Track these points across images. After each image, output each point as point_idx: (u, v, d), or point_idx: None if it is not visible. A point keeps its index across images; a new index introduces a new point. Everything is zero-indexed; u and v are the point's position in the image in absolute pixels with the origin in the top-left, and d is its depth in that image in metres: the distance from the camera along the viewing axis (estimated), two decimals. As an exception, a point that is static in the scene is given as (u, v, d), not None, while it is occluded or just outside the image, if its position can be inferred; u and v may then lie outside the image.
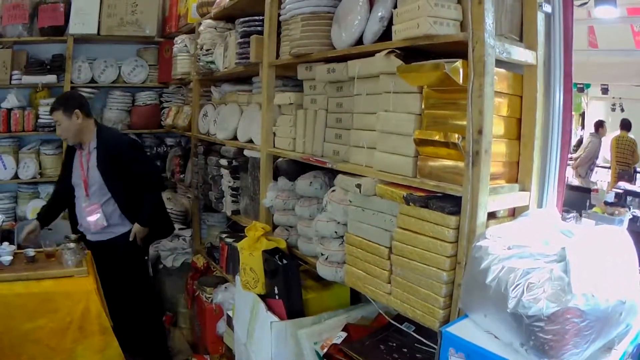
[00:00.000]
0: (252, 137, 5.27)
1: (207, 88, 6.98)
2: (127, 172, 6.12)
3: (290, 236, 4.63)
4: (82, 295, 5.12)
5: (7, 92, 8.03)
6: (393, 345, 3.48)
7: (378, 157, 3.42)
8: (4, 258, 5.29)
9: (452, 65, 2.78)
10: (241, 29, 5.19)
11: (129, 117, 8.88)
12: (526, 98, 3.21)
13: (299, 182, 4.36)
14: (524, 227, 2.76)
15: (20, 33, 7.88)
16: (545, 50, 3.22)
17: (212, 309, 6.08)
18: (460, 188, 2.87)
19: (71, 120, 5.92)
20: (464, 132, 2.84)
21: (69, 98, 6.30)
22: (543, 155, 3.26)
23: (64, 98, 6.24)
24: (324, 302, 4.29)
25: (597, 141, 15.09)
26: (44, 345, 5.02)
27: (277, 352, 3.97)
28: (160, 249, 7.66)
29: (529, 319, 2.18)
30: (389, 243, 3.28)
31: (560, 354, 2.15)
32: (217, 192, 6.14)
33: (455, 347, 2.47)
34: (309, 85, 4.31)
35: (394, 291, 3.28)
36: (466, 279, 2.68)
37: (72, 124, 5.95)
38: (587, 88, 18.23)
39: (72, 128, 5.97)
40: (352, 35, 3.62)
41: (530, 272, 2.30)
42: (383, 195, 3.28)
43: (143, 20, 8.32)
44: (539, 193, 3.28)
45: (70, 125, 5.95)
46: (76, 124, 5.96)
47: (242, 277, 4.52)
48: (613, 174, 14.57)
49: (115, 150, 6.13)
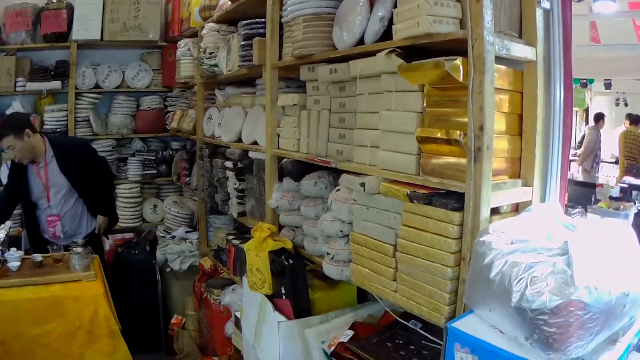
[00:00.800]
0: (257, 138, 5.28)
1: (211, 91, 7.00)
2: (93, 171, 6.53)
3: (296, 236, 4.64)
4: (91, 299, 5.15)
5: (11, 99, 8.04)
6: (400, 343, 3.49)
7: (381, 155, 3.43)
8: (12, 264, 5.34)
9: (452, 62, 2.80)
10: (243, 31, 5.21)
11: (134, 122, 8.88)
12: (527, 94, 3.22)
13: (303, 183, 4.36)
14: (527, 222, 2.77)
15: (24, 40, 7.92)
16: (544, 46, 3.24)
17: (220, 310, 6.11)
18: (463, 184, 2.88)
19: (23, 141, 6.07)
20: (466, 128, 2.85)
21: (15, 120, 6.52)
22: (545, 150, 3.28)
23: (8, 123, 6.45)
24: (331, 301, 4.30)
25: (596, 133, 15.15)
26: (54, 349, 5.05)
27: (284, 351, 3.98)
28: (167, 252, 7.71)
29: (533, 312, 2.19)
30: (394, 241, 3.29)
31: (564, 347, 2.16)
32: (223, 195, 6.15)
33: (461, 342, 2.48)
34: (312, 86, 4.32)
35: (399, 288, 3.29)
36: (470, 275, 2.70)
37: (25, 145, 6.11)
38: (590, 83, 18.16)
39: (26, 148, 6.14)
40: (353, 36, 3.65)
41: (534, 266, 2.30)
42: (387, 193, 3.30)
43: (146, 25, 8.35)
44: (542, 188, 3.29)
45: (24, 146, 6.11)
46: (29, 142, 6.11)
47: (249, 278, 4.53)
48: (621, 169, 14.55)
49: (79, 153, 6.53)
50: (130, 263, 7.67)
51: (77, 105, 8.34)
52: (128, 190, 8.78)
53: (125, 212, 8.73)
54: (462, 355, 2.47)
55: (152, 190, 9.24)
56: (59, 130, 8.11)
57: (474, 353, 2.42)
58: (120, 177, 8.82)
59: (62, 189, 6.41)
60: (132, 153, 9.00)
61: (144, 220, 8.98)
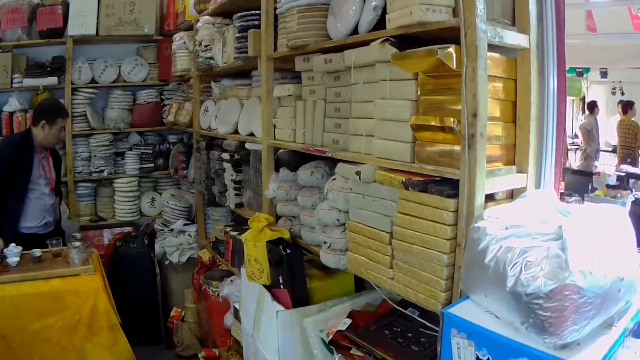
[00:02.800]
0: (253, 130, 5.29)
1: (207, 84, 7.01)
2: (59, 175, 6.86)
3: (294, 226, 4.66)
4: (90, 293, 5.18)
5: (8, 96, 8.07)
6: (398, 330, 3.50)
7: (376, 144, 3.45)
8: (11, 259, 5.35)
9: (445, 50, 2.81)
10: (238, 23, 5.22)
11: (131, 116, 8.89)
12: (520, 81, 3.24)
13: (300, 173, 4.38)
14: (522, 208, 2.79)
15: (20, 37, 7.92)
16: (538, 34, 3.24)
17: (219, 302, 6.12)
18: (457, 171, 2.90)
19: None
20: (460, 116, 2.87)
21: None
22: (539, 137, 3.29)
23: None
24: (329, 290, 4.32)
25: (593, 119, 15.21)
26: (54, 343, 5.08)
27: (283, 340, 4.00)
28: (166, 245, 7.73)
29: (528, 296, 2.20)
30: (390, 228, 3.30)
31: (560, 331, 2.17)
32: (220, 186, 6.17)
33: (457, 327, 2.50)
34: (307, 77, 4.33)
35: (396, 276, 3.31)
36: (466, 260, 2.71)
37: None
38: (586, 72, 18.15)
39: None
40: (347, 26, 3.65)
41: (528, 251, 2.31)
42: (382, 181, 3.32)
43: (141, 19, 8.35)
44: (537, 174, 3.30)
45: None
46: None
47: (247, 269, 4.55)
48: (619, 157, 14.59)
49: (59, 157, 7.00)
50: (129, 257, 7.68)
51: (74, 101, 8.38)
52: (126, 184, 8.80)
53: (123, 206, 8.80)
54: (458, 340, 2.49)
55: (150, 183, 9.25)
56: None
57: (470, 338, 2.44)
58: (118, 171, 8.88)
59: (51, 182, 6.61)
60: (129, 147, 9.02)
61: (142, 214, 9.01)
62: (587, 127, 15.18)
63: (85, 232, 8.07)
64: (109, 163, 8.73)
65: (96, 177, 8.70)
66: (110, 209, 8.93)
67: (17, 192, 6.35)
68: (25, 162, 6.36)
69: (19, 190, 6.35)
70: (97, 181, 8.84)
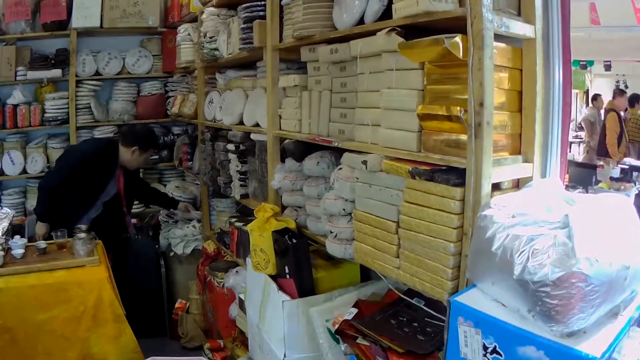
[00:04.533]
0: (258, 120, 5.30)
1: (212, 75, 6.99)
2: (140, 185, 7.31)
3: (299, 216, 4.67)
4: (95, 284, 5.17)
5: (12, 89, 8.07)
6: (404, 320, 3.51)
7: (383, 133, 3.45)
8: (16, 251, 5.35)
9: (451, 40, 2.81)
10: (243, 14, 5.21)
11: (135, 108, 8.90)
12: (526, 71, 3.24)
13: (306, 163, 4.39)
14: (528, 197, 2.80)
15: (23, 29, 7.93)
16: (543, 24, 3.25)
17: (224, 293, 6.14)
18: (464, 160, 2.90)
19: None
20: (466, 105, 2.87)
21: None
22: (545, 126, 3.30)
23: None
24: (335, 280, 4.33)
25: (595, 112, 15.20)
26: (59, 335, 5.07)
27: (289, 330, 4.02)
28: (170, 237, 7.72)
29: (535, 284, 2.21)
30: (397, 217, 3.31)
31: (566, 319, 2.18)
32: (225, 177, 6.18)
33: (464, 315, 2.51)
34: (313, 67, 4.34)
35: (402, 265, 3.31)
36: (472, 249, 2.72)
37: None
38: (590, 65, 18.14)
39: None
40: (353, 16, 3.65)
41: (535, 239, 2.33)
42: (389, 170, 3.32)
43: (145, 11, 8.36)
44: (542, 164, 3.31)
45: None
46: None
47: (252, 259, 4.56)
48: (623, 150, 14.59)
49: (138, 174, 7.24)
50: (134, 248, 7.67)
51: (78, 93, 8.39)
52: (130, 176, 8.75)
53: (128, 197, 8.75)
54: (465, 329, 2.50)
55: (154, 175, 9.26)
56: (60, 118, 8.14)
57: (477, 326, 2.45)
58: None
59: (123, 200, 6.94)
60: (134, 139, 8.94)
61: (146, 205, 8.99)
62: (590, 119, 15.16)
63: (89, 223, 8.07)
64: (113, 155, 8.65)
65: (101, 169, 8.62)
66: (115, 200, 8.87)
67: (86, 200, 6.50)
68: (106, 175, 6.56)
69: (89, 199, 6.52)
70: (102, 173, 8.76)
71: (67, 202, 6.30)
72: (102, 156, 6.46)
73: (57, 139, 8.37)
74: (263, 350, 4.51)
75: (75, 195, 6.33)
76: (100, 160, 6.40)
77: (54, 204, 6.26)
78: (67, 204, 6.31)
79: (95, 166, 6.39)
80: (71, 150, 6.80)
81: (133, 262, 7.49)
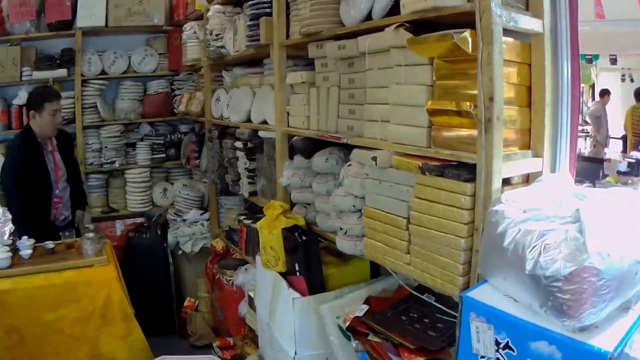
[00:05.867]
0: (266, 117, 5.31)
1: (218, 73, 7.01)
2: (74, 160, 6.90)
3: (309, 213, 4.67)
4: (104, 284, 5.18)
5: (17, 89, 8.10)
6: (414, 316, 3.52)
7: (392, 129, 3.45)
8: (24, 252, 5.35)
9: (460, 35, 2.82)
10: (250, 11, 5.21)
11: (141, 107, 8.92)
12: (535, 65, 3.24)
13: (314, 159, 4.39)
14: (538, 191, 2.79)
15: (28, 30, 7.91)
16: (551, 18, 3.24)
17: (233, 291, 6.15)
18: (474, 155, 2.91)
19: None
20: (475, 100, 2.88)
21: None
22: (554, 121, 3.29)
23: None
24: (345, 277, 4.34)
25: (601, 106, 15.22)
26: (67, 335, 5.09)
27: (300, 328, 4.02)
28: (178, 235, 7.71)
29: (547, 279, 2.20)
30: (407, 213, 3.31)
31: (578, 314, 2.17)
32: (233, 175, 6.19)
33: (476, 311, 2.50)
34: (321, 63, 4.34)
35: (413, 261, 3.32)
36: (484, 244, 2.71)
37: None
38: (595, 59, 18.10)
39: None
40: (361, 12, 3.65)
41: (546, 234, 2.32)
42: (399, 166, 3.32)
43: (150, 9, 8.33)
44: (552, 159, 3.30)
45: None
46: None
47: (262, 257, 4.57)
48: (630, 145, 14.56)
49: (69, 140, 6.87)
50: (142, 247, 7.70)
51: (84, 92, 8.40)
52: (137, 175, 8.84)
53: (135, 196, 8.83)
54: (477, 324, 2.49)
55: (162, 174, 9.28)
56: (66, 117, 8.14)
57: (489, 322, 2.45)
58: (129, 162, 8.91)
59: (64, 175, 6.53)
60: (141, 138, 9.04)
61: (154, 204, 9.05)
62: (596, 113, 15.18)
63: (97, 223, 8.12)
64: (120, 154, 8.76)
65: (107, 168, 8.73)
66: (122, 200, 8.96)
67: (42, 188, 6.34)
68: (39, 160, 6.33)
69: (42, 186, 6.35)
70: (109, 172, 8.88)
71: (33, 202, 6.20)
72: (19, 143, 6.35)
73: (64, 139, 8.29)
74: (273, 348, 4.51)
75: (35, 191, 6.22)
76: (22, 148, 6.27)
77: (26, 212, 6.12)
78: (34, 203, 6.21)
79: (25, 155, 6.24)
80: (5, 162, 6.53)
81: (142, 261, 7.49)
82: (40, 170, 6.30)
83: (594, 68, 19.24)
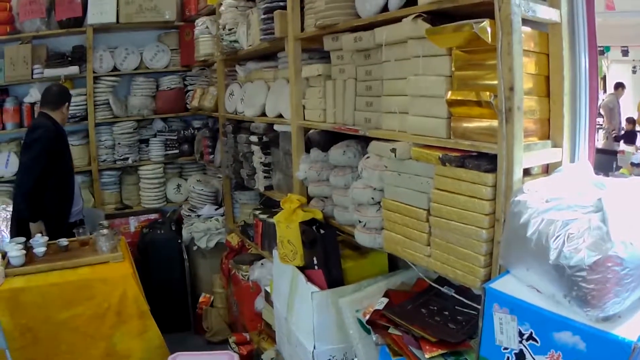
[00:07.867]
0: (281, 111, 5.31)
1: (232, 67, 7.02)
2: None
3: (326, 207, 4.65)
4: (119, 280, 5.20)
5: (29, 87, 8.14)
6: (434, 309, 3.50)
7: (411, 121, 3.43)
8: (37, 249, 5.37)
9: (480, 24, 2.80)
10: (263, 5, 5.21)
11: (154, 103, 8.92)
12: (553, 55, 3.21)
13: (332, 152, 4.37)
14: (559, 181, 2.77)
15: (39, 27, 7.95)
16: (568, 8, 3.22)
17: (249, 286, 6.16)
18: (495, 146, 2.89)
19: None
20: (495, 90, 2.86)
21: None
22: (572, 111, 3.27)
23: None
24: (363, 271, 4.33)
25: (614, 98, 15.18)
26: (82, 332, 5.11)
27: (319, 322, 4.02)
28: (193, 231, 7.74)
29: (571, 269, 2.19)
30: (427, 205, 3.29)
31: (602, 303, 2.16)
32: (248, 170, 6.20)
33: (500, 302, 2.49)
34: (336, 56, 4.32)
35: (433, 253, 3.30)
36: (506, 235, 2.70)
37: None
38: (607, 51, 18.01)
39: None
40: (377, 3, 3.64)
41: (569, 223, 2.30)
42: (418, 157, 3.30)
43: (162, 5, 8.35)
44: (571, 149, 3.28)
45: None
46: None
47: (280, 251, 4.56)
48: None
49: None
50: (157, 243, 7.72)
51: (96, 89, 8.43)
52: (151, 171, 8.87)
53: (149, 193, 8.87)
54: (501, 315, 2.48)
55: (175, 170, 9.31)
56: (79, 114, 8.17)
57: (512, 313, 2.43)
58: (142, 158, 8.96)
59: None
60: (154, 134, 9.07)
61: (167, 200, 9.09)
62: (610, 105, 15.15)
63: (111, 220, 8.15)
64: (133, 150, 8.79)
65: (120, 164, 8.76)
66: (135, 196, 8.99)
67: (65, 179, 6.38)
68: (66, 146, 6.44)
69: (67, 176, 6.40)
70: (122, 169, 8.90)
71: (50, 193, 6.16)
72: (51, 128, 6.26)
73: (76, 136, 8.40)
74: (291, 343, 4.51)
75: (56, 180, 6.21)
76: (54, 133, 6.24)
77: (38, 201, 6.05)
78: (50, 194, 6.17)
79: (57, 141, 6.28)
80: (30, 142, 6.46)
81: (156, 257, 7.50)
82: (68, 156, 6.44)
83: (605, 60, 19.18)
